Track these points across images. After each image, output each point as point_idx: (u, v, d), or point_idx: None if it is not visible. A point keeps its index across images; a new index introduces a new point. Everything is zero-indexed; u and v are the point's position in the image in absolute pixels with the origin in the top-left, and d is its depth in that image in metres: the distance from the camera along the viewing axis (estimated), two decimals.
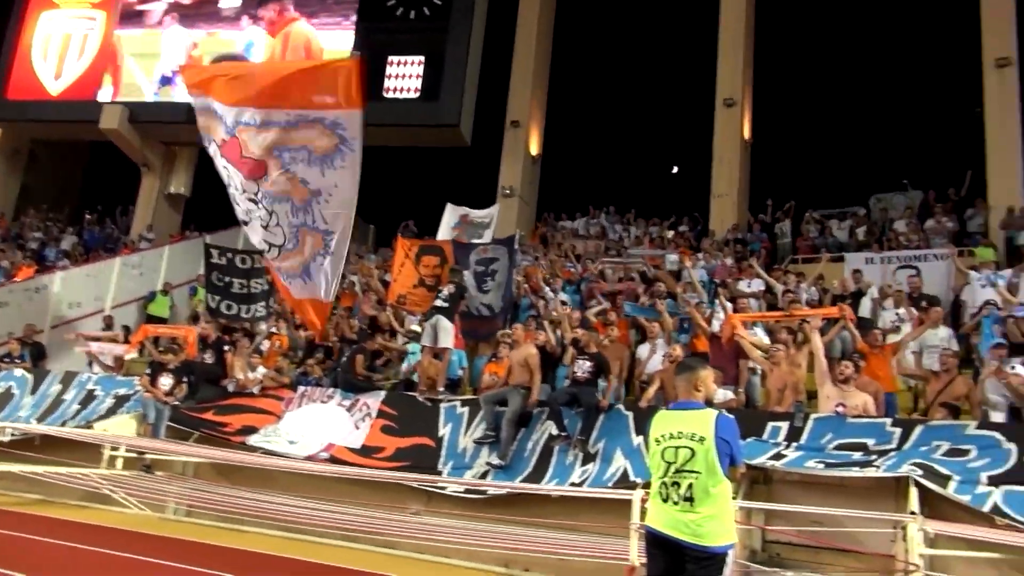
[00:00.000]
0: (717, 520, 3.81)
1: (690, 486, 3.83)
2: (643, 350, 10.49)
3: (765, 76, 20.62)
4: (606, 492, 7.40)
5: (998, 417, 7.84)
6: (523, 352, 9.04)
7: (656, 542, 3.92)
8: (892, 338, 9.52)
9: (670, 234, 18.19)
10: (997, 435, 6.97)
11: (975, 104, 17.03)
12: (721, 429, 3.88)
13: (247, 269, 12.48)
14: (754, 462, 7.22)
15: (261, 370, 10.96)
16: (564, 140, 23.02)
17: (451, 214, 15.73)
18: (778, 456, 7.37)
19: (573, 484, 8.03)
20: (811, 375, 8.59)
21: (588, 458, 8.25)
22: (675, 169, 23.32)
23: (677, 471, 3.87)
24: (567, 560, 6.76)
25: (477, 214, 15.23)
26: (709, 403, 4.18)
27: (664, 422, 4.05)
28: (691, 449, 3.85)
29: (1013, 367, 7.43)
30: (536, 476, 8.49)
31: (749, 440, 7.77)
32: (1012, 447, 6.82)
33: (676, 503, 3.85)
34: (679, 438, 3.90)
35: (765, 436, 7.81)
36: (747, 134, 20.00)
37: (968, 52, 17.20)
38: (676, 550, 3.82)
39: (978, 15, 17.09)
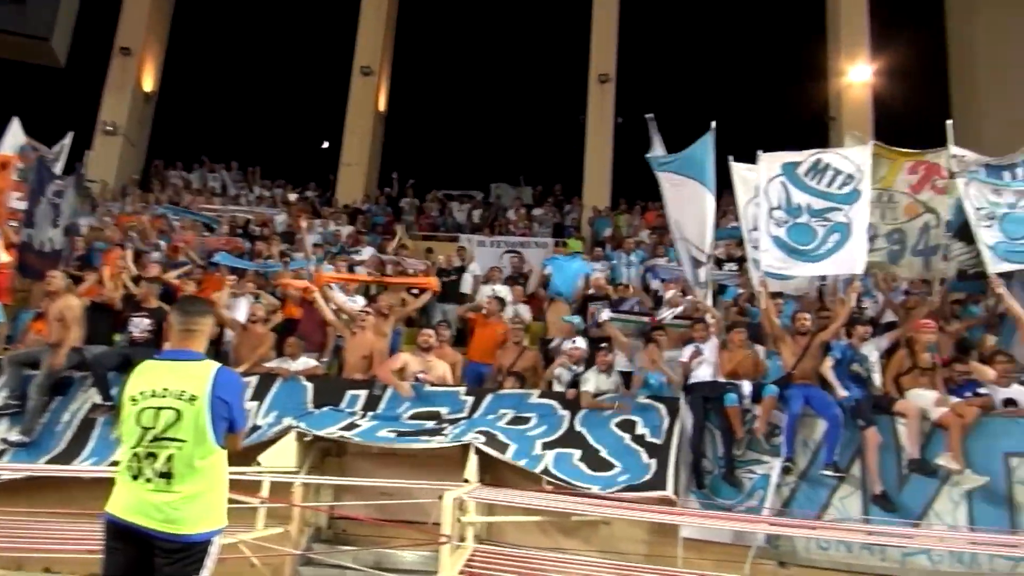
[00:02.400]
0: (200, 501, 3.03)
1: (169, 458, 3.01)
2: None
3: (406, 47, 20.56)
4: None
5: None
6: (60, 304, 7.36)
7: (118, 533, 3.01)
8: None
9: (293, 197, 17.17)
10: (554, 403, 7.37)
11: (580, 112, 18.94)
12: (220, 387, 3.10)
13: None
14: (323, 432, 6.68)
15: None
16: (186, 80, 20.41)
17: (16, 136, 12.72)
18: (351, 426, 6.93)
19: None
20: None
21: None
22: (325, 144, 22.08)
23: (155, 439, 3.02)
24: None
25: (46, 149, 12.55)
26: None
27: (145, 376, 3.15)
28: (177, 411, 3.03)
29: (574, 341, 7.97)
30: (69, 455, 6.97)
31: (325, 409, 7.25)
32: (566, 414, 7.26)
33: (149, 480, 3.00)
34: (163, 396, 3.05)
35: (343, 405, 7.35)
36: (382, 105, 19.77)
37: (577, 66, 19.03)
38: (144, 541, 2.96)
39: (588, 34, 19.01)
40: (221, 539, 3.14)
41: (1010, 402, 6.81)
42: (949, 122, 7.40)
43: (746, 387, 7.01)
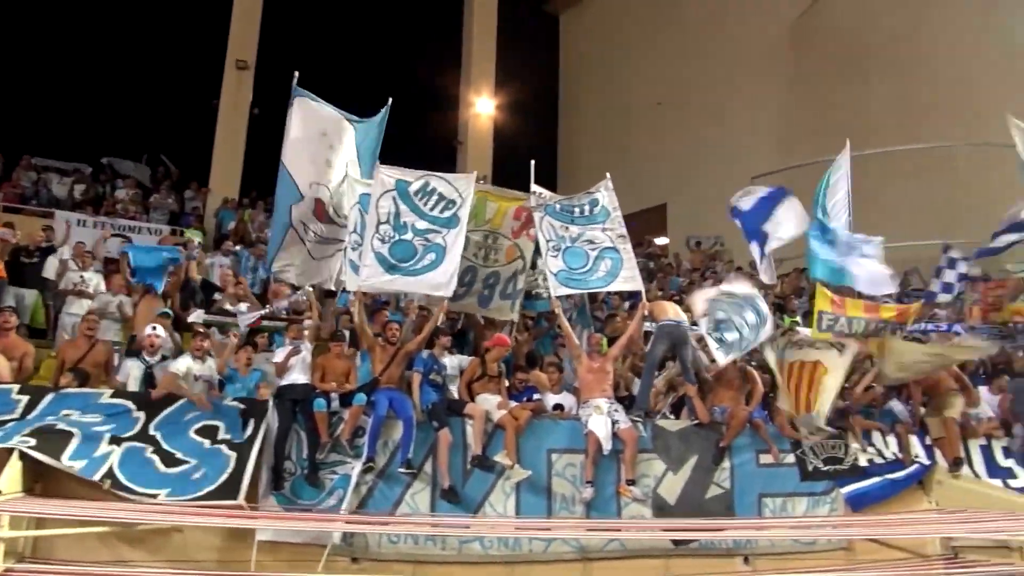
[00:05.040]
0: None
1: None
2: None
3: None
4: None
5: None
6: None
7: None
8: None
9: None
10: (129, 403, 6.79)
11: (213, 97, 17.84)
12: None
13: None
14: None
15: None
16: None
17: None
18: None
19: None
20: None
21: None
22: None
23: None
24: None
25: None
26: None
27: None
28: None
29: (154, 328, 7.49)
30: None
31: None
32: (141, 415, 6.74)
33: None
34: None
35: None
36: None
37: (215, 49, 17.94)
38: None
39: (229, 20, 18.04)
40: None
41: (559, 407, 8.03)
42: (532, 162, 8.48)
43: (335, 394, 7.21)
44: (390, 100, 8.12)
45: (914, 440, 8.39)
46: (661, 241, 20.51)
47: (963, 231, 12.00)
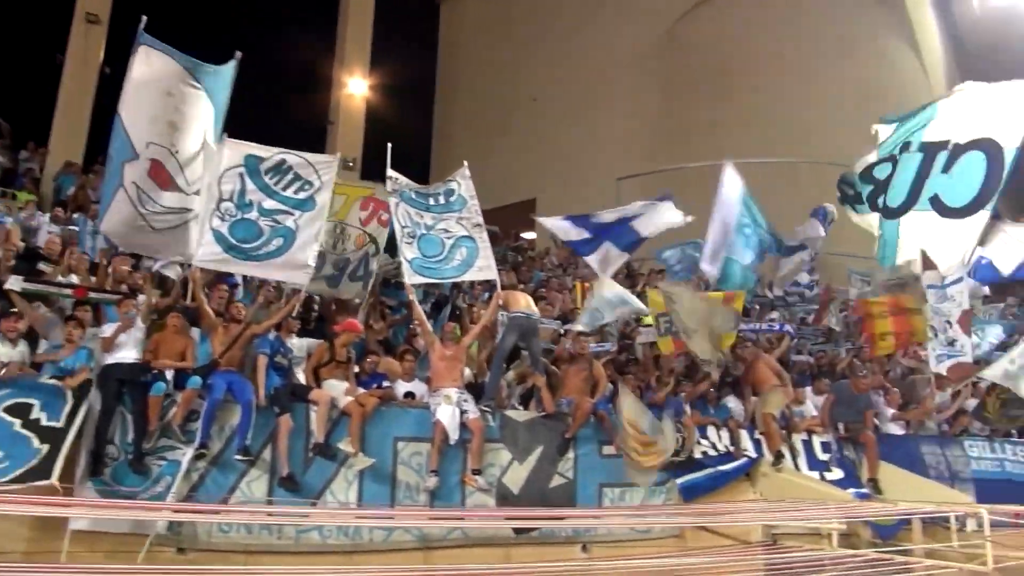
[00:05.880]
0: None
1: None
2: None
3: None
4: None
5: None
6: None
7: None
8: None
9: None
10: None
11: (59, 51, 16.38)
12: None
13: None
14: None
15: None
16: None
17: None
18: None
19: None
20: None
21: None
22: None
23: None
24: None
25: None
26: None
27: None
28: None
29: None
30: None
31: None
32: None
33: None
34: None
35: None
36: None
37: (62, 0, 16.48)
38: None
39: None
40: None
41: (409, 394, 7.95)
42: (389, 144, 8.35)
43: (169, 375, 6.80)
44: (238, 54, 7.51)
45: (744, 434, 8.95)
46: (529, 235, 20.79)
47: None
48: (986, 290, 12.48)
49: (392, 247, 8.53)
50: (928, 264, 7.76)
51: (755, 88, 19.25)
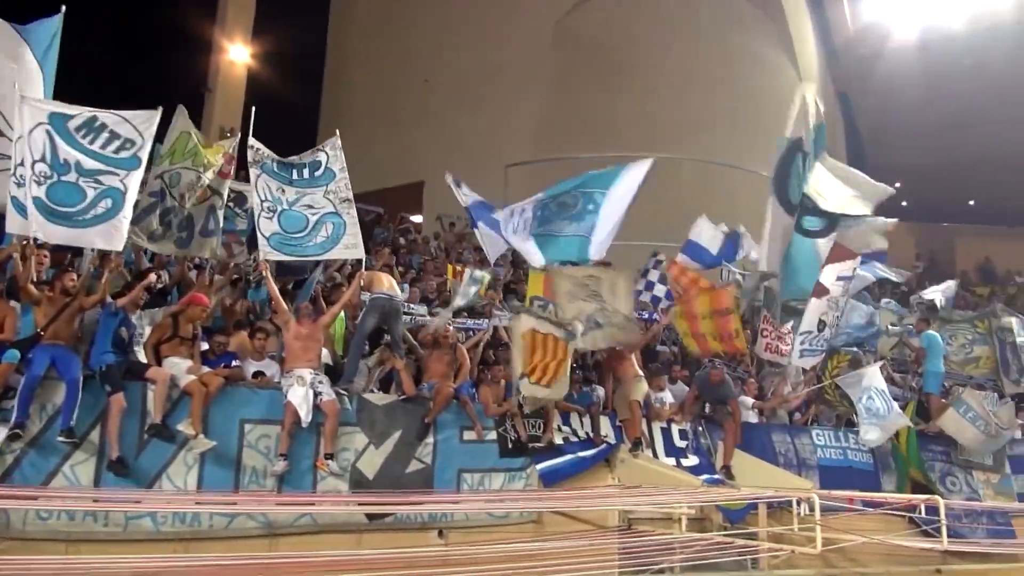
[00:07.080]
0: None
1: None
2: None
3: None
4: None
5: None
6: None
7: None
8: None
9: None
10: None
11: None
12: None
13: None
14: None
15: None
16: None
17: None
18: None
19: None
20: None
21: None
22: None
23: None
24: None
25: None
26: None
27: None
28: None
29: None
30: None
31: None
32: None
33: None
34: None
35: None
36: None
37: None
38: None
39: None
40: None
41: (259, 374, 7.59)
42: (253, 108, 7.92)
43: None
44: (63, 8, 6.87)
45: (605, 421, 9.07)
46: (416, 219, 20.49)
47: (680, 237, 13.20)
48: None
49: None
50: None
51: (642, 83, 19.66)
